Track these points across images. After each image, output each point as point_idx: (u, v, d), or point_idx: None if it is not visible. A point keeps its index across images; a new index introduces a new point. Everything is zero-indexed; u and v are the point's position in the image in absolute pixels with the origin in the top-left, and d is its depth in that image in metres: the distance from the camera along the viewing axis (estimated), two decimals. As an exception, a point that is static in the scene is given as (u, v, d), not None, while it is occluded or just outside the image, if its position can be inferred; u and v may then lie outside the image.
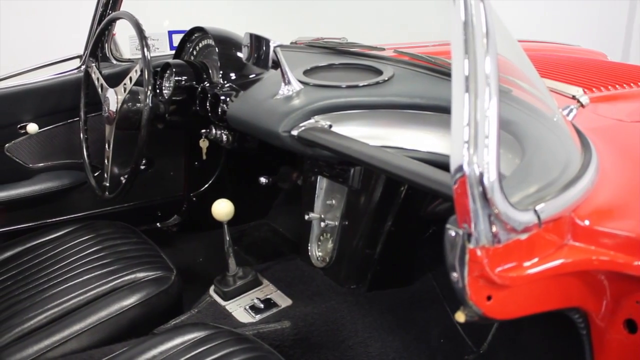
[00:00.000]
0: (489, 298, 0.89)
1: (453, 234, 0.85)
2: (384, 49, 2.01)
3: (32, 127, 2.25)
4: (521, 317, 0.98)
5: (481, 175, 0.80)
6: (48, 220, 2.40)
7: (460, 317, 0.91)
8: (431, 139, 1.49)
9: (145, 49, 1.81)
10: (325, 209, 2.00)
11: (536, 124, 1.23)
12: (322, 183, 1.99)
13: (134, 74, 1.90)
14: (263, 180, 2.21)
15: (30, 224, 2.36)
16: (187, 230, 2.69)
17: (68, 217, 2.42)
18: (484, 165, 0.80)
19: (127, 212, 2.55)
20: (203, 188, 2.62)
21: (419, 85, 1.66)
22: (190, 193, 2.63)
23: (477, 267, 0.85)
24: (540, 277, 0.94)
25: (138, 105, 1.96)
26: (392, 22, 3.72)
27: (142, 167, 2.51)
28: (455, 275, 0.87)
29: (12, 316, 1.75)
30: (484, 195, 0.82)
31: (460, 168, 0.81)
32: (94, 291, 1.79)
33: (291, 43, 2.34)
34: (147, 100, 1.80)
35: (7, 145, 2.26)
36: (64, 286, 1.82)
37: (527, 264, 0.92)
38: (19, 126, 2.25)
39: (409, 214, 1.87)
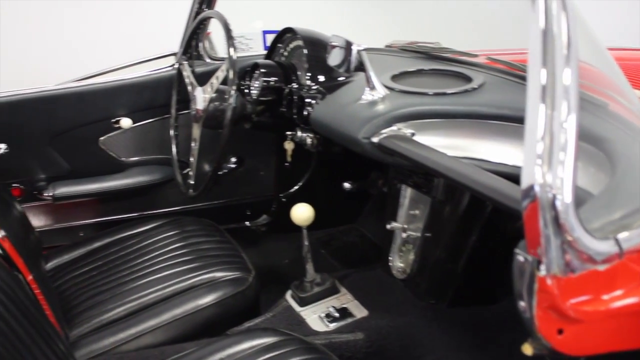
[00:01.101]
0: (560, 332, 0.82)
1: (522, 259, 0.79)
2: (477, 55, 1.93)
3: (126, 122, 2.30)
4: (598, 354, 0.89)
5: (554, 197, 0.73)
6: (138, 214, 2.45)
7: (527, 349, 0.84)
8: (518, 153, 1.40)
9: (232, 49, 1.80)
10: (408, 219, 1.94)
11: (633, 143, 1.12)
12: (406, 192, 1.93)
13: (221, 74, 1.90)
14: (347, 185, 2.16)
15: (121, 216, 2.42)
16: (275, 230, 2.68)
17: (157, 211, 2.47)
18: (558, 185, 0.73)
19: (217, 210, 2.57)
20: (293, 189, 2.60)
21: (509, 95, 1.57)
22: (280, 194, 2.62)
23: (546, 297, 0.78)
24: (621, 312, 0.85)
25: (224, 104, 1.96)
26: (489, 27, 3.60)
27: (233, 165, 2.51)
28: (523, 304, 0.80)
29: (93, 306, 1.79)
30: (557, 220, 0.74)
31: (530, 188, 0.74)
32: (172, 287, 1.81)
33: (385, 46, 2.28)
34: (231, 100, 1.79)
35: (101, 138, 2.32)
36: (143, 280, 1.85)
37: (605, 297, 0.83)
38: (113, 120, 2.31)
39: (496, 229, 1.78)
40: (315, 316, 1.87)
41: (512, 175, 1.21)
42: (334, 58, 1.74)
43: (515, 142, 1.41)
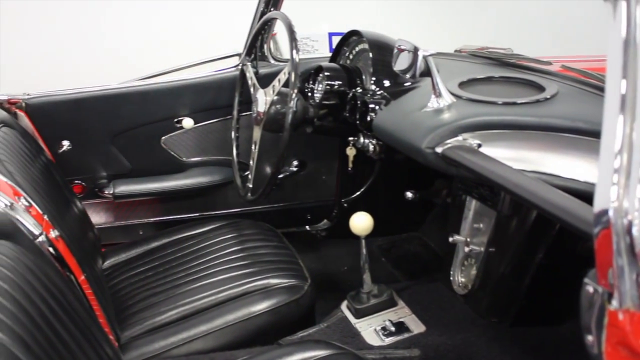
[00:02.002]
0: (630, 371, 0.74)
1: (591, 290, 0.71)
2: (550, 63, 1.83)
3: (188, 122, 2.30)
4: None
5: (630, 223, 0.66)
6: (196, 215, 2.44)
7: (592, 384, 0.76)
8: (592, 169, 1.31)
9: (294, 51, 1.76)
10: (471, 233, 1.86)
11: None
12: (470, 204, 1.85)
13: (283, 76, 1.86)
14: (409, 195, 2.09)
15: (179, 216, 2.42)
16: (336, 236, 2.64)
17: (216, 212, 2.46)
18: (636, 209, 0.66)
19: (276, 213, 2.54)
20: (355, 195, 2.55)
21: (584, 106, 1.48)
22: (342, 199, 2.57)
23: (617, 333, 0.70)
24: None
25: (286, 107, 1.93)
26: (564, 32, 3.46)
27: (294, 169, 2.49)
28: (590, 338, 0.73)
29: (146, 308, 1.78)
30: (632, 249, 0.67)
31: (604, 213, 0.67)
32: (226, 293, 1.78)
33: (455, 51, 2.21)
34: (292, 103, 1.75)
35: (163, 138, 2.32)
36: (198, 284, 1.83)
37: (684, 337, 0.75)
38: (175, 120, 2.30)
39: (564, 248, 1.68)
40: (370, 329, 1.82)
41: (584, 193, 1.13)
42: (400, 63, 1.67)
43: (588, 157, 1.32)
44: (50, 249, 1.34)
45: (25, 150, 1.77)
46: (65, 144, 2.20)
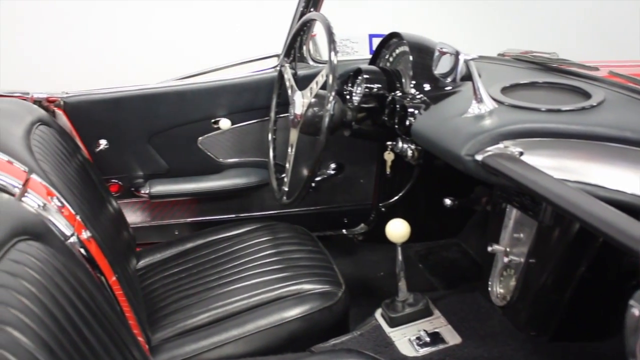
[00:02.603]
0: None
1: (637, 313, 0.67)
2: (597, 69, 1.76)
3: (225, 123, 2.29)
4: None
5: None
6: (232, 216, 2.43)
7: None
8: (640, 182, 1.25)
9: (333, 53, 1.73)
10: (511, 242, 1.80)
11: None
12: (511, 213, 1.79)
13: (321, 78, 1.83)
14: (448, 202, 2.04)
15: (215, 217, 2.42)
16: (373, 240, 2.61)
17: (252, 214, 2.44)
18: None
19: (313, 216, 2.52)
20: (393, 199, 2.50)
21: (632, 114, 1.42)
22: (380, 203, 2.53)
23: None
24: None
25: (323, 110, 1.90)
26: (613, 36, 3.36)
27: (332, 172, 2.46)
28: (635, 363, 0.68)
29: (179, 310, 1.77)
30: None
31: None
32: (259, 297, 1.76)
33: (498, 55, 2.15)
34: (329, 106, 1.71)
35: (200, 138, 2.32)
36: (231, 287, 1.82)
37: None
38: (212, 121, 2.29)
39: (609, 261, 1.62)
40: (404, 339, 1.77)
41: (631, 206, 1.07)
42: (441, 66, 1.64)
43: (636, 168, 1.26)
44: (82, 250, 1.33)
45: (61, 149, 1.76)
46: (103, 142, 2.21)
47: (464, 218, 2.62)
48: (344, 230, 2.62)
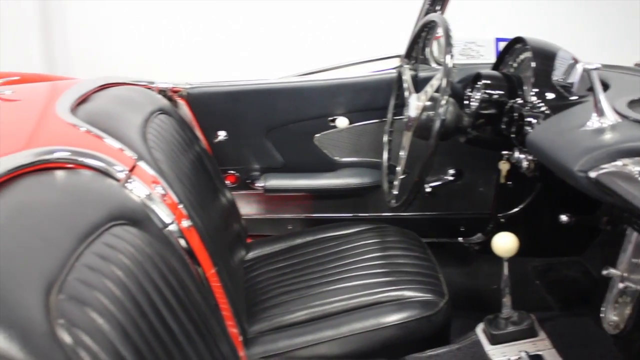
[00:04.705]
0: None
1: None
2: None
3: (342, 122, 2.28)
4: None
5: None
6: (344, 215, 2.43)
7: None
8: None
9: (448, 56, 1.67)
10: (629, 268, 1.67)
11: None
12: (631, 236, 1.67)
13: (436, 81, 1.78)
14: (564, 218, 1.93)
15: (326, 215, 2.42)
16: (490, 251, 2.51)
17: (364, 215, 2.43)
18: None
19: (427, 221, 2.46)
20: (513, 210, 2.41)
21: None
22: (499, 214, 2.44)
23: None
24: None
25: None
26: None
27: (450, 178, 2.40)
28: None
29: (277, 305, 1.79)
30: None
31: None
32: (358, 300, 1.75)
33: (635, 65, 2.01)
34: (441, 110, 1.66)
35: (316, 135, 2.32)
36: (331, 287, 1.82)
37: None
38: (329, 119, 2.29)
39: None
40: (504, 358, 1.69)
41: None
42: (564, 75, 1.55)
43: None
44: (180, 239, 1.36)
45: (178, 139, 1.82)
46: (222, 134, 2.26)
47: (590, 236, 2.48)
48: (460, 239, 2.54)
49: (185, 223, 1.41)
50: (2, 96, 1.74)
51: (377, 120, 2.30)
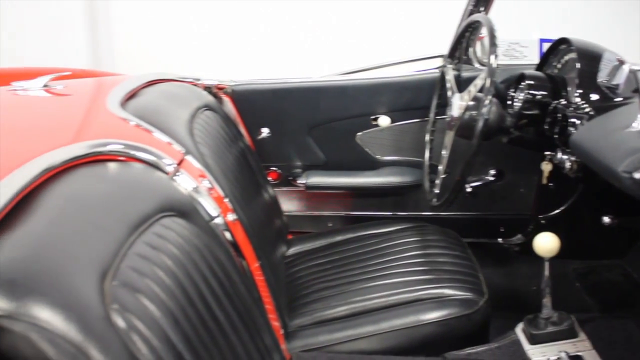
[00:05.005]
0: None
1: None
2: None
3: (384, 121, 2.30)
4: None
5: None
6: (384, 213, 2.44)
7: None
8: None
9: (492, 56, 1.68)
10: (671, 271, 1.67)
11: None
12: (673, 239, 1.66)
13: (479, 81, 1.78)
14: (607, 220, 1.92)
15: (367, 213, 2.43)
16: (529, 253, 2.49)
17: (404, 214, 2.43)
18: None
19: (466, 221, 2.46)
20: (554, 212, 2.40)
21: None
22: (539, 215, 2.43)
23: None
24: None
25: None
26: None
27: (491, 178, 2.40)
28: None
29: (318, 300, 1.82)
30: None
31: None
32: (398, 297, 1.76)
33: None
34: (484, 110, 1.67)
35: (358, 134, 2.34)
36: (372, 283, 1.83)
37: None
38: (371, 117, 2.31)
39: None
40: (543, 358, 1.68)
41: None
42: (609, 76, 1.54)
43: None
44: (226, 232, 1.39)
45: (223, 134, 1.86)
46: (265, 131, 2.30)
47: (632, 239, 2.46)
48: (499, 239, 2.54)
49: (231, 217, 1.45)
50: (54, 91, 1.79)
51: (418, 120, 2.31)
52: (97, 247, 0.91)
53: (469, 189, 2.07)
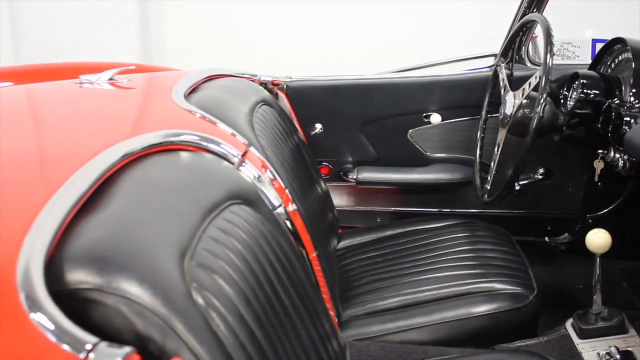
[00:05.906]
0: None
1: None
2: None
3: (436, 118, 2.32)
4: None
5: None
6: (433, 210, 2.46)
7: None
8: None
9: (548, 55, 1.71)
10: None
11: None
12: None
13: (534, 80, 1.81)
14: None
15: (416, 209, 2.46)
16: (576, 252, 2.51)
17: (453, 210, 2.46)
18: None
19: (514, 219, 2.48)
20: (603, 211, 2.40)
21: None
22: (587, 214, 2.44)
23: None
24: None
25: (533, 112, 1.87)
26: None
27: (540, 177, 2.41)
28: None
29: (370, 291, 1.85)
30: None
31: None
32: (448, 289, 1.79)
33: None
34: (539, 108, 1.70)
35: (410, 131, 2.37)
36: (422, 277, 1.86)
37: None
38: (424, 115, 2.34)
39: None
40: (593, 352, 1.70)
41: None
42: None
43: None
44: (287, 222, 1.44)
45: (279, 129, 1.91)
46: (318, 126, 2.34)
47: None
48: (546, 238, 2.55)
49: (291, 207, 1.49)
50: (119, 84, 1.86)
51: (469, 118, 2.34)
52: (175, 229, 0.96)
53: (517, 187, 2.09)
